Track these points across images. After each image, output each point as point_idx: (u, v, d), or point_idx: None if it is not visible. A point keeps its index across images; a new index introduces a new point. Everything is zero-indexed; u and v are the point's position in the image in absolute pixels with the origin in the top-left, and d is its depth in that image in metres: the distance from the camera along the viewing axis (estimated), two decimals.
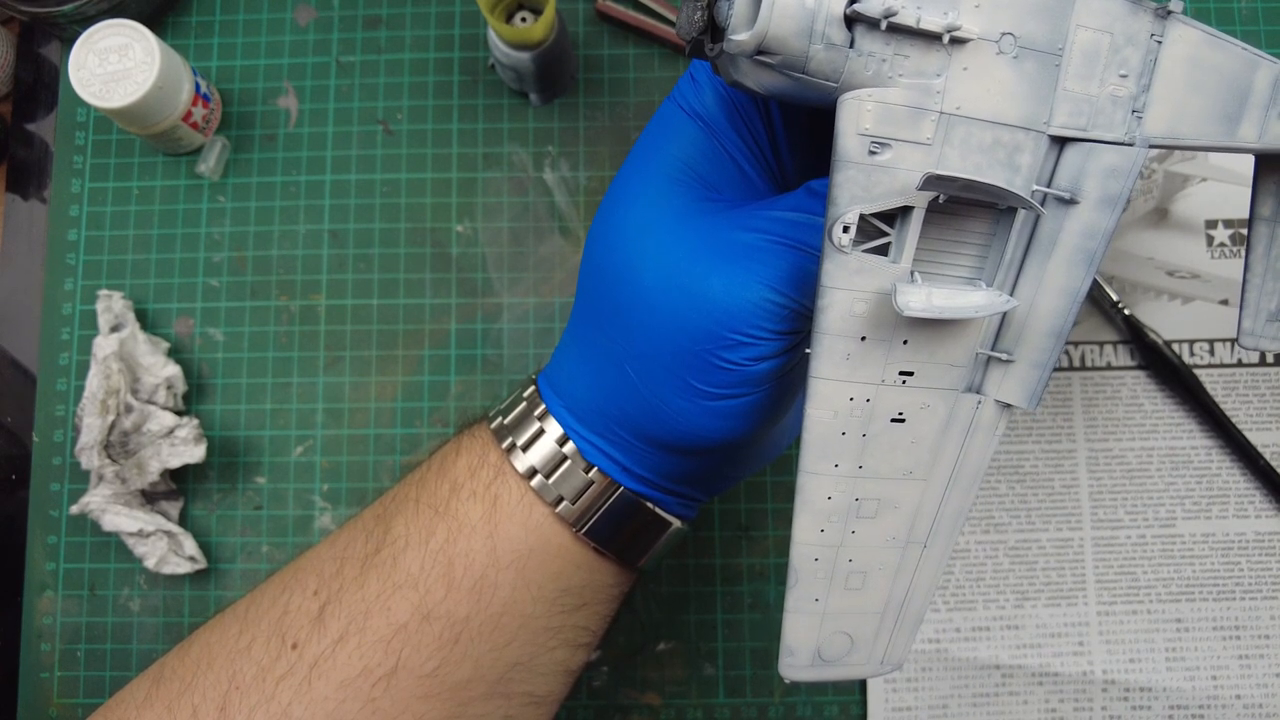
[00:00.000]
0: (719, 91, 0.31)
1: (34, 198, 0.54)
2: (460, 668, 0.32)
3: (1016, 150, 0.27)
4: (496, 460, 0.34)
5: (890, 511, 0.30)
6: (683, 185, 0.31)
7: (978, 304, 0.27)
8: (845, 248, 0.26)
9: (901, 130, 0.26)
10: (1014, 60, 0.26)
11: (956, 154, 0.26)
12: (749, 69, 0.26)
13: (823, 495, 0.29)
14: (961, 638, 0.48)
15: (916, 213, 0.26)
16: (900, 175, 0.26)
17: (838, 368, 0.28)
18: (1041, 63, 0.26)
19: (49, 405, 0.52)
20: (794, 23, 0.24)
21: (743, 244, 0.29)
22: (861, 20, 0.25)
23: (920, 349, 0.28)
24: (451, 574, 0.32)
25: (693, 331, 0.29)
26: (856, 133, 0.26)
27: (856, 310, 0.27)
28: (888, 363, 0.28)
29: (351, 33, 0.54)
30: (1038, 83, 0.26)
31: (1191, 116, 0.27)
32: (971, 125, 0.26)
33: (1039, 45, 0.26)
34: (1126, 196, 0.27)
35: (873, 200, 0.26)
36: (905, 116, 0.26)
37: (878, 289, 0.27)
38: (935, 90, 0.26)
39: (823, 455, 0.29)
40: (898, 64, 0.25)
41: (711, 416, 0.31)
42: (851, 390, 0.28)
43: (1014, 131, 0.27)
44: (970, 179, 0.25)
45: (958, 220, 0.28)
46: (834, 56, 0.25)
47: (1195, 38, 0.27)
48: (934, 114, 0.26)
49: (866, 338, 0.28)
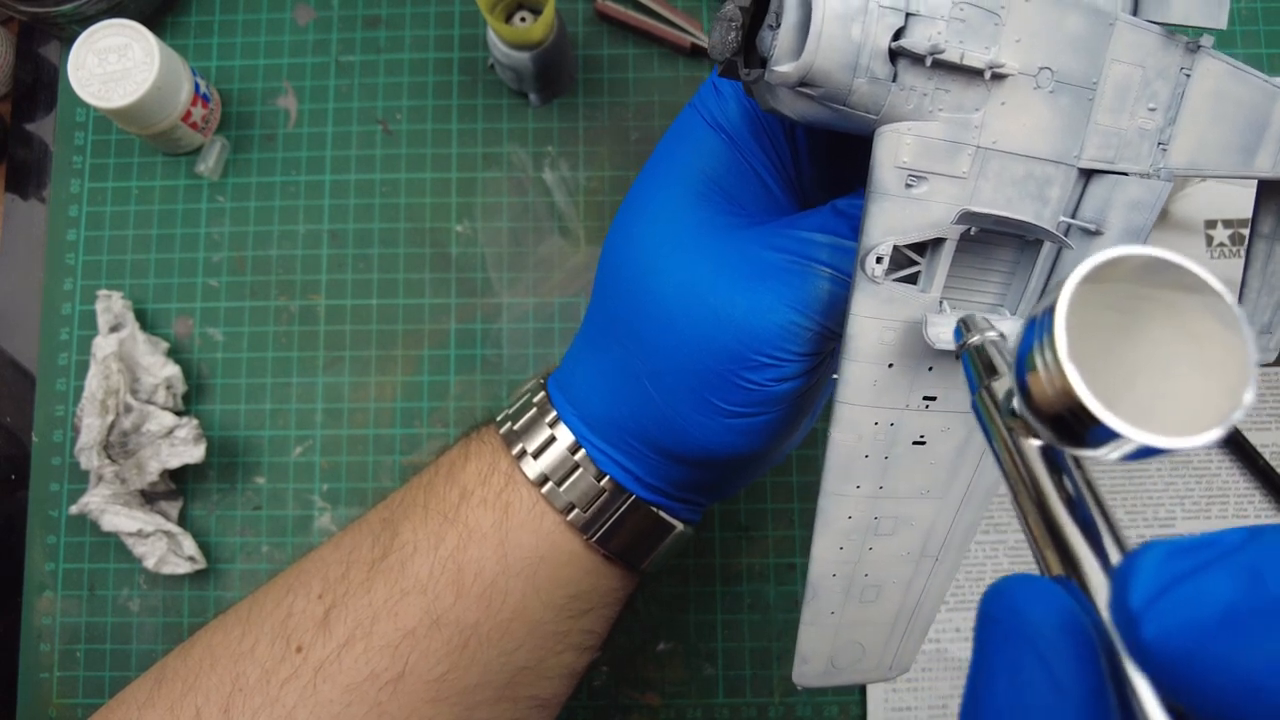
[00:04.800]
0: (743, 105, 0.31)
1: (33, 198, 0.54)
2: (468, 673, 0.32)
3: (1047, 183, 0.27)
4: (507, 467, 0.33)
5: (906, 528, 0.30)
6: (705, 199, 0.31)
7: None
8: (878, 279, 0.26)
9: (939, 164, 0.26)
10: (1050, 95, 0.26)
11: (990, 187, 0.26)
12: (788, 99, 0.26)
13: (843, 515, 0.29)
14: (961, 638, 0.48)
15: (948, 244, 0.27)
16: (934, 209, 0.26)
17: (865, 394, 0.28)
18: (1076, 97, 0.26)
19: (48, 405, 0.51)
20: (840, 55, 0.24)
21: (768, 264, 0.29)
22: (906, 55, 0.24)
23: (945, 375, 0.28)
24: (461, 580, 0.32)
25: (716, 351, 0.29)
26: (894, 165, 0.26)
27: (886, 339, 0.27)
28: (913, 388, 0.28)
29: (351, 33, 0.54)
30: (1071, 117, 0.26)
31: (1212, 147, 0.27)
32: (1006, 159, 0.26)
33: (1075, 80, 0.26)
34: (1149, 228, 0.27)
35: (906, 232, 0.26)
36: (943, 150, 0.26)
37: (907, 318, 0.27)
38: (974, 125, 0.26)
39: (846, 477, 0.29)
40: (938, 98, 0.25)
41: (730, 434, 0.31)
42: (877, 415, 0.28)
43: (1045, 165, 0.27)
44: (1003, 215, 0.25)
45: (986, 249, 0.28)
46: (876, 90, 0.25)
47: (1220, 70, 0.27)
48: (971, 148, 0.26)
49: (894, 365, 0.28)
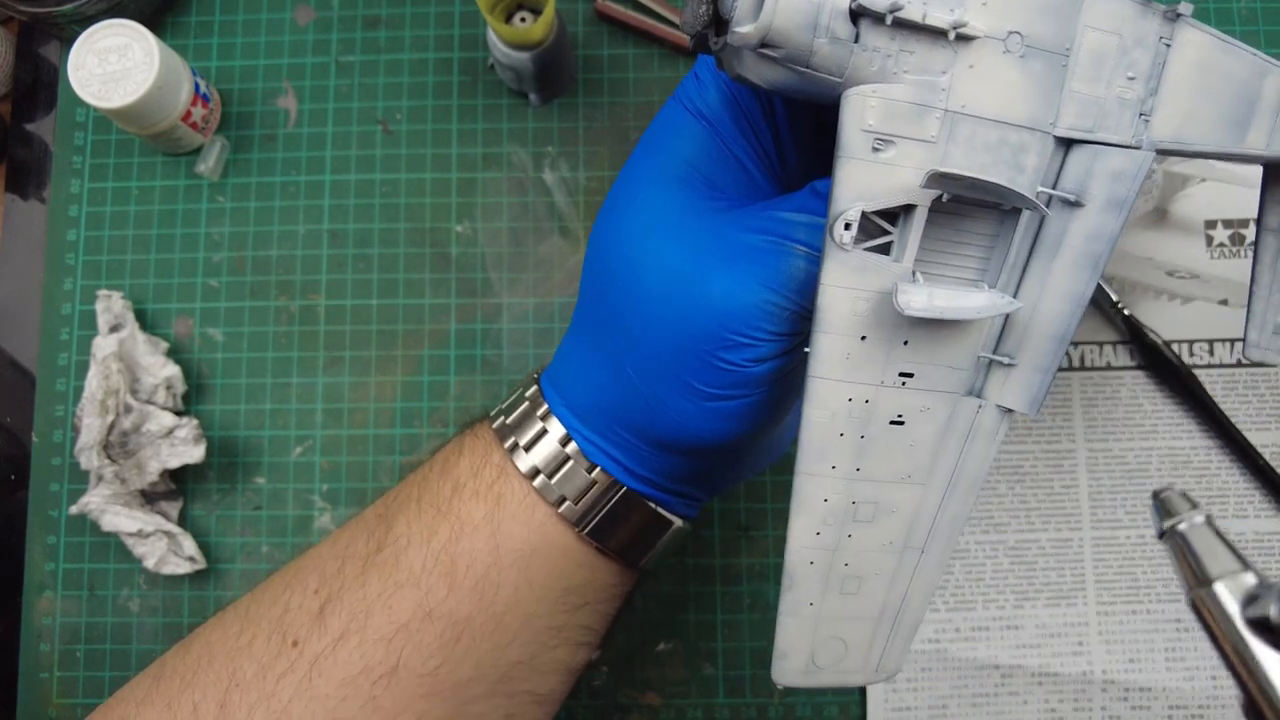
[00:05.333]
0: (723, 91, 0.31)
1: (33, 198, 0.54)
2: (462, 666, 0.32)
3: (1022, 150, 0.26)
4: (499, 460, 0.33)
5: (887, 516, 0.30)
6: (686, 185, 0.31)
7: (980, 305, 0.27)
8: (846, 245, 0.26)
9: (906, 127, 0.26)
10: (1021, 60, 0.26)
11: (961, 153, 0.26)
12: (753, 63, 0.26)
13: (819, 497, 0.29)
14: (961, 638, 0.48)
15: (919, 211, 0.26)
16: (903, 173, 0.26)
17: (837, 367, 0.27)
18: (1048, 63, 0.26)
19: (48, 405, 0.52)
20: (799, 16, 0.24)
21: (744, 245, 0.29)
22: (867, 14, 0.24)
23: (921, 350, 0.28)
24: (454, 573, 0.32)
25: (692, 331, 0.29)
26: (860, 129, 0.25)
27: (857, 309, 0.27)
28: (888, 364, 0.28)
29: (351, 33, 0.54)
30: (1044, 83, 0.26)
31: (1200, 121, 0.27)
32: (977, 124, 0.26)
33: (1046, 45, 0.26)
34: (1133, 200, 0.27)
35: (875, 198, 0.26)
36: (910, 113, 0.26)
37: (879, 288, 0.27)
38: (940, 88, 0.26)
39: (820, 456, 0.28)
40: (903, 60, 0.25)
41: (711, 417, 0.30)
42: (850, 391, 0.28)
43: (1020, 131, 0.26)
44: (975, 177, 0.25)
45: (961, 220, 0.27)
46: (838, 51, 0.25)
47: (1205, 42, 0.27)
48: (939, 111, 0.26)
49: (867, 337, 0.27)
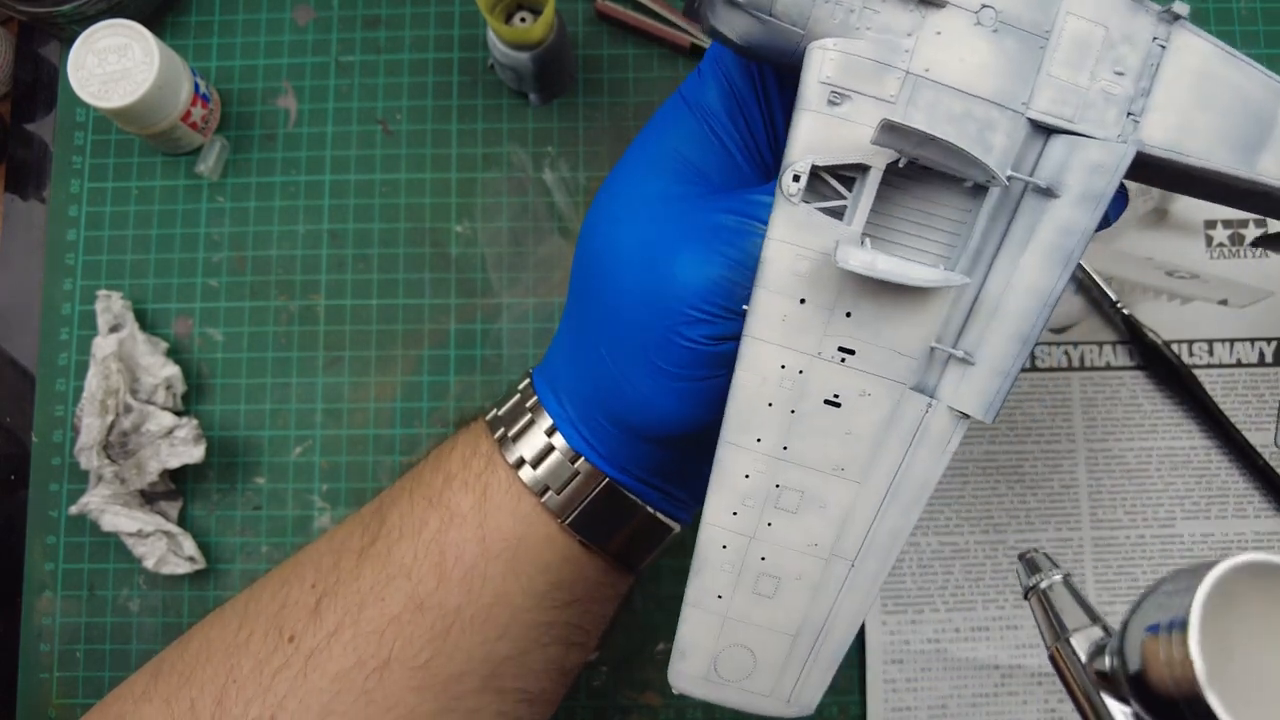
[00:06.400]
0: (722, 85, 0.31)
1: (33, 198, 0.54)
2: (452, 660, 0.32)
3: (989, 127, 0.26)
4: (488, 451, 0.34)
5: (815, 510, 0.28)
6: (670, 173, 0.31)
7: (926, 275, 0.26)
8: (794, 197, 0.26)
9: (864, 83, 0.25)
10: (993, 34, 0.25)
11: (922, 118, 0.26)
12: (724, 12, 0.26)
13: (740, 472, 0.28)
14: (961, 638, 0.48)
15: (873, 173, 0.26)
16: (859, 130, 0.25)
17: (772, 329, 0.26)
18: (1023, 42, 0.26)
19: (48, 405, 0.52)
20: None
21: (711, 224, 0.29)
22: None
23: (864, 326, 0.27)
24: (443, 564, 0.32)
25: (656, 307, 0.29)
26: (818, 80, 0.25)
27: (799, 268, 0.26)
28: (826, 334, 0.27)
29: (351, 33, 0.54)
30: (1018, 61, 0.26)
31: (1200, 134, 0.26)
32: (940, 91, 0.26)
33: (1022, 24, 0.26)
34: (1109, 196, 0.26)
35: (829, 152, 0.26)
36: (869, 70, 0.25)
37: (822, 248, 0.26)
38: (904, 49, 0.25)
39: (745, 426, 0.27)
40: (866, 16, 0.25)
41: (674, 398, 0.30)
42: (784, 356, 0.27)
43: (987, 106, 0.26)
44: (925, 132, 0.24)
45: (924, 192, 0.27)
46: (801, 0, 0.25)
47: (1206, 50, 0.26)
48: (900, 72, 0.25)
49: (806, 300, 0.26)
